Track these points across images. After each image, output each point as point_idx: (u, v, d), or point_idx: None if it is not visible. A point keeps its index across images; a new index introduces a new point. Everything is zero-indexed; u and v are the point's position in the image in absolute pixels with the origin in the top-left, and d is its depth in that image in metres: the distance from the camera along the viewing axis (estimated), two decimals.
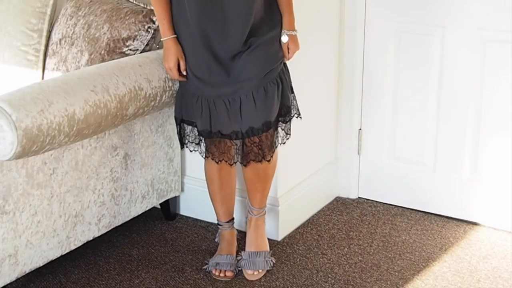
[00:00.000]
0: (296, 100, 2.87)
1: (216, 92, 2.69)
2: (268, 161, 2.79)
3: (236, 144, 2.80)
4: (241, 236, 3.10)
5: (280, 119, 2.79)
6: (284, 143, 2.85)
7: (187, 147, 2.87)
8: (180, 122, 2.83)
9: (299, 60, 3.12)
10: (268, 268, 2.90)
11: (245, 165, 2.81)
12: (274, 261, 2.95)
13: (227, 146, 2.79)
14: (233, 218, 3.02)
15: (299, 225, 3.30)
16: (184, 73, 2.74)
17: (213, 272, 2.89)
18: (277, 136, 2.81)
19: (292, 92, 2.86)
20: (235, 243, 3.00)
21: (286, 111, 2.79)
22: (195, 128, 2.80)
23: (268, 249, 2.96)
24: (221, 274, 2.87)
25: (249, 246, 2.94)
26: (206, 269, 2.92)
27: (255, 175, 2.87)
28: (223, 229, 2.99)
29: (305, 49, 3.16)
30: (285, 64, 2.83)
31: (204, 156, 2.85)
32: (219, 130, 2.72)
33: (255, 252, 2.90)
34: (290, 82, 2.85)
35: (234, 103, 2.69)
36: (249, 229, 2.97)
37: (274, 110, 2.73)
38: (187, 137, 2.85)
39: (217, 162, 2.82)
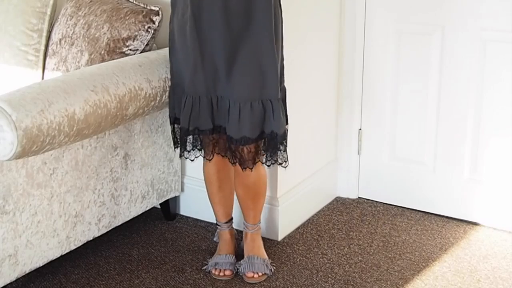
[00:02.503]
0: (285, 151, 2.76)
1: (206, 88, 2.67)
2: (251, 168, 2.74)
3: (214, 139, 2.78)
4: (240, 236, 3.09)
5: (262, 145, 2.73)
6: (271, 164, 2.78)
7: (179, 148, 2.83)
8: (173, 121, 2.82)
9: (299, 60, 3.12)
10: (267, 273, 2.87)
11: (232, 164, 2.77)
12: (274, 268, 2.92)
13: (206, 142, 2.78)
14: (231, 218, 3.01)
15: (299, 225, 3.30)
16: None
17: (213, 271, 2.89)
18: (261, 154, 2.76)
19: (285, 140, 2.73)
20: (234, 243, 3.00)
21: (270, 138, 2.68)
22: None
23: (267, 258, 2.93)
24: (220, 273, 2.87)
25: (247, 253, 2.92)
26: (206, 269, 2.92)
27: (246, 193, 2.86)
28: (221, 229, 2.99)
29: (305, 49, 3.17)
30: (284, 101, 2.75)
31: (202, 156, 2.84)
32: (197, 127, 2.70)
33: (253, 256, 2.89)
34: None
35: (222, 103, 2.68)
36: (245, 243, 2.94)
37: (254, 129, 2.65)
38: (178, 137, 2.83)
39: (205, 156, 2.80)
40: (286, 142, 2.74)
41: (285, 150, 2.74)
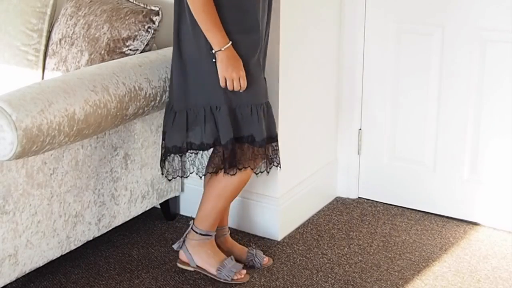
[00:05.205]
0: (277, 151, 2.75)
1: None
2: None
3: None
4: (242, 235, 3.09)
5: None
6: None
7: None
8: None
9: (299, 60, 3.12)
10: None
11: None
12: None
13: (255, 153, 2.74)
14: None
15: (299, 225, 3.30)
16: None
17: (236, 277, 2.82)
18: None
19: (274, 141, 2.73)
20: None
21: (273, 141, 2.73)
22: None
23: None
24: (240, 276, 2.83)
25: (241, 250, 2.95)
26: (222, 278, 2.82)
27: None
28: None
29: (305, 49, 3.17)
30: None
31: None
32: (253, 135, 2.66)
33: (246, 249, 2.95)
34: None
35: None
36: (231, 244, 2.95)
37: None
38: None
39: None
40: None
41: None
